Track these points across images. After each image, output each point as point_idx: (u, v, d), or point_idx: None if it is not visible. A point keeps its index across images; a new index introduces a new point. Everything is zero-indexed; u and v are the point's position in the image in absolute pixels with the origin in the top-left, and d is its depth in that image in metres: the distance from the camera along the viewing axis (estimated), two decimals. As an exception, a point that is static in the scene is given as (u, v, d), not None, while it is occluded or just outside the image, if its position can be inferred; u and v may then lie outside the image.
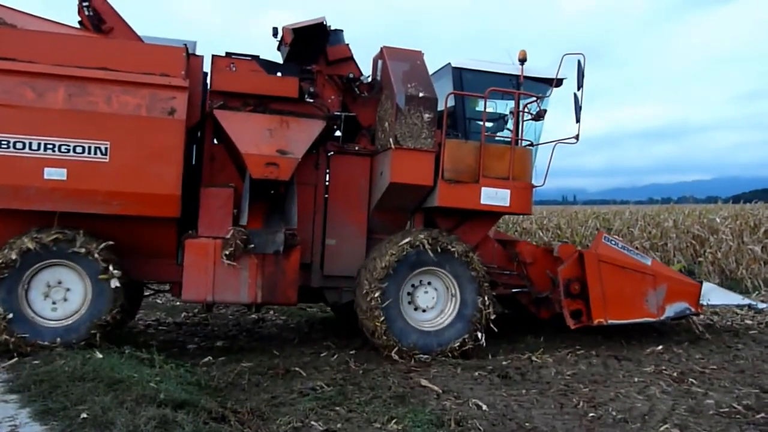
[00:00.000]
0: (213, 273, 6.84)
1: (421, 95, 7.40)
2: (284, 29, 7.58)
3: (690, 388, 6.13)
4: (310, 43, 7.57)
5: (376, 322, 7.11)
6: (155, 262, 7.17)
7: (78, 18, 7.29)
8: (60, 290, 6.60)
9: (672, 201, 22.78)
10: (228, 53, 7.45)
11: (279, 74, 7.49)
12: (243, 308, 10.08)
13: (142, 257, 7.06)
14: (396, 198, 7.67)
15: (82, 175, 6.40)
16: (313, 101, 7.51)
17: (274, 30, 7.87)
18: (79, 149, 6.39)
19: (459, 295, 7.45)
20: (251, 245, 6.88)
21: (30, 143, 6.29)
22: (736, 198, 23.70)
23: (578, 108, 7.77)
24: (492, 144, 8.00)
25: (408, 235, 7.40)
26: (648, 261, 8.32)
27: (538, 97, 8.18)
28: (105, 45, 6.90)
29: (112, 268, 6.53)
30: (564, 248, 8.33)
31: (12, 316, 6.34)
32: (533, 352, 7.38)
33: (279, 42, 7.97)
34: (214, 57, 7.30)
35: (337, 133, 7.91)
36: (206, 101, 7.29)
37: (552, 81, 8.21)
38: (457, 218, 8.03)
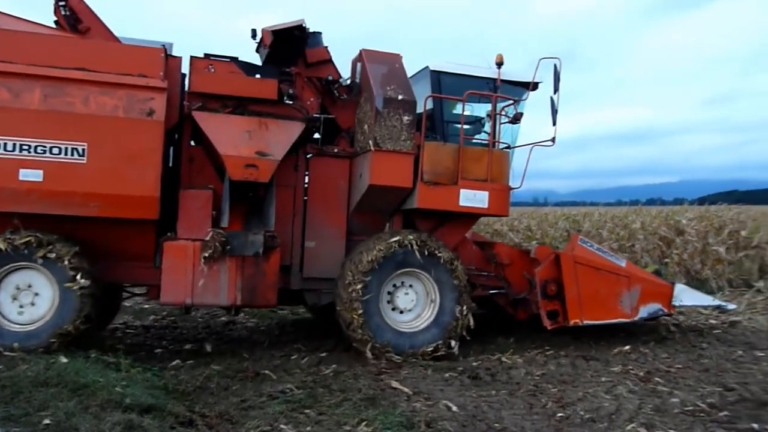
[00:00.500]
0: (192, 275, 6.80)
1: (401, 98, 7.45)
2: (263, 31, 7.57)
3: (656, 388, 6.21)
4: (290, 46, 7.55)
5: (354, 315, 7.14)
6: (132, 265, 7.10)
7: (54, 18, 7.14)
8: (29, 294, 6.48)
9: (640, 203, 23.10)
10: (206, 54, 7.39)
11: (258, 76, 7.43)
12: (213, 311, 9.99)
13: (119, 260, 6.97)
14: (375, 200, 7.70)
15: (59, 177, 6.30)
16: (293, 103, 7.51)
17: (253, 32, 7.86)
18: (56, 150, 6.29)
19: (438, 301, 7.51)
20: (230, 247, 6.86)
21: (5, 144, 6.19)
22: (702, 200, 24.17)
23: (554, 111, 7.89)
24: (470, 146, 8.08)
25: (397, 234, 7.48)
26: (622, 263, 8.48)
27: (515, 101, 8.28)
28: (82, 45, 6.80)
29: (80, 277, 6.40)
30: (541, 250, 8.46)
31: None
32: (503, 353, 7.43)
33: (258, 44, 7.92)
34: (193, 58, 7.25)
35: (316, 135, 7.88)
36: (184, 102, 7.21)
37: (528, 84, 8.29)
38: (436, 220, 8.10)
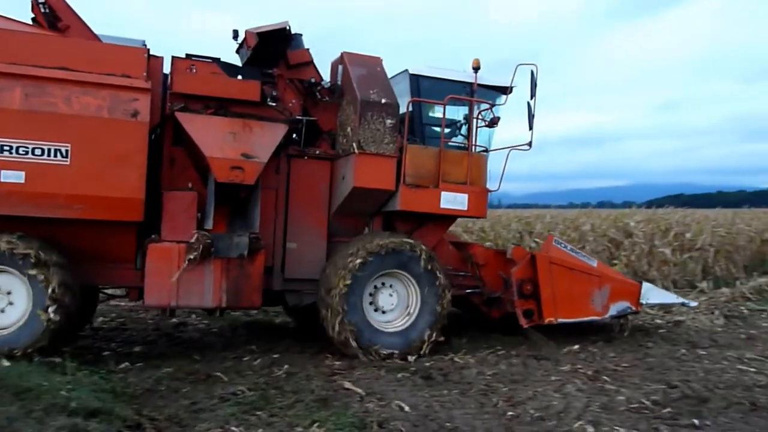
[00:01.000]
0: (178, 277, 6.74)
1: (384, 101, 7.57)
2: (247, 33, 7.52)
3: (603, 386, 6.36)
4: (273, 47, 7.53)
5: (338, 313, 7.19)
6: (113, 267, 6.96)
7: (31, 15, 6.91)
8: (4, 298, 6.34)
9: (591, 205, 23.71)
10: (188, 55, 7.33)
11: (239, 77, 7.38)
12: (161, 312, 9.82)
13: (99, 262, 6.81)
14: (358, 202, 7.77)
15: (42, 178, 6.13)
16: (276, 105, 7.47)
17: (235, 32, 7.83)
18: (38, 151, 6.11)
19: (417, 311, 7.63)
20: (215, 249, 6.82)
21: None
22: (650, 203, 24.90)
23: (531, 116, 8.10)
24: (450, 150, 8.23)
25: (392, 236, 7.64)
26: (594, 263, 8.77)
27: (492, 105, 8.41)
28: (63, 44, 6.59)
29: (52, 301, 6.22)
30: (517, 251, 8.64)
31: None
32: (456, 353, 7.51)
33: (239, 45, 7.88)
34: (174, 58, 7.17)
35: (294, 137, 7.85)
36: (166, 103, 7.10)
37: (504, 89, 8.47)
38: (415, 222, 8.25)
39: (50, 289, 6.19)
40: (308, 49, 7.97)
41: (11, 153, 6.04)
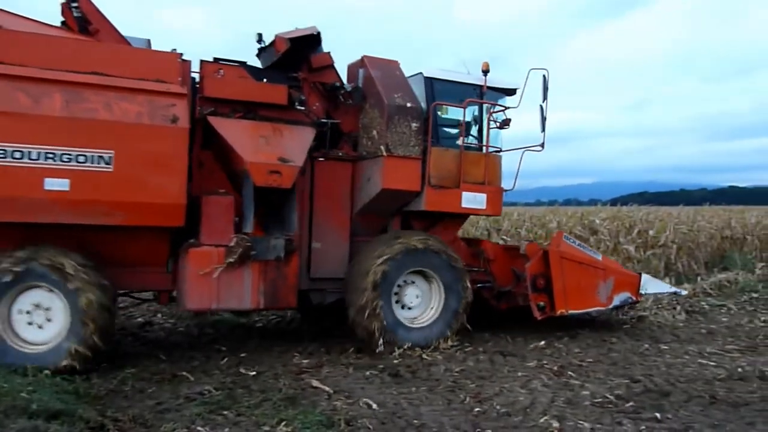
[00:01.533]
0: (217, 281, 6.76)
1: (409, 105, 7.83)
2: (277, 37, 7.60)
3: (569, 381, 6.45)
4: (301, 52, 7.65)
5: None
6: (144, 271, 6.89)
7: (60, 18, 6.93)
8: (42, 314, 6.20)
9: (558, 203, 23.98)
10: (216, 59, 7.39)
11: (264, 81, 7.48)
12: (129, 312, 9.67)
13: (130, 267, 6.71)
14: (384, 203, 8.02)
15: (86, 186, 6.01)
16: (304, 109, 7.59)
17: (259, 36, 7.94)
18: (82, 158, 5.99)
19: (441, 308, 7.90)
20: (254, 252, 6.89)
21: (29, 152, 5.82)
22: (615, 201, 25.31)
23: (543, 118, 8.38)
24: (469, 151, 8.47)
25: (412, 236, 7.86)
26: (599, 256, 9.20)
27: (506, 108, 8.66)
28: (98, 49, 6.51)
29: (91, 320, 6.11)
30: (530, 247, 8.83)
31: None
32: (424, 350, 7.54)
33: (261, 48, 7.96)
34: (203, 62, 7.23)
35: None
36: (195, 107, 7.06)
37: (510, 91, 8.72)
38: (430, 220, 8.56)
39: (87, 307, 6.06)
40: (329, 53, 8.04)
41: (55, 160, 5.90)
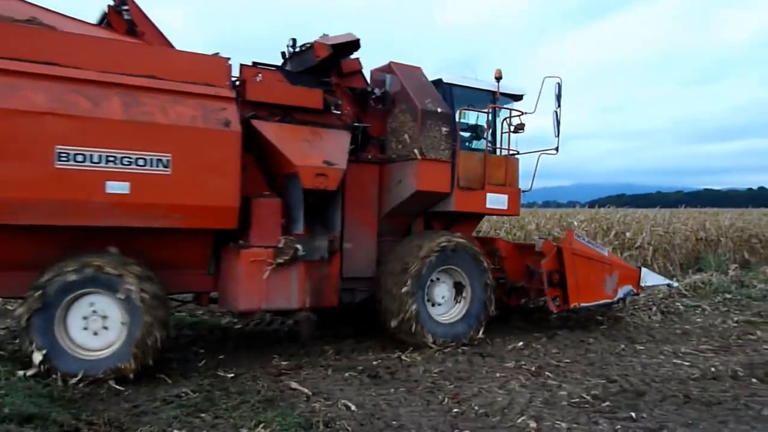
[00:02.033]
0: (266, 282, 6.86)
1: (439, 110, 8.14)
2: (318, 44, 7.68)
3: (546, 381, 6.50)
4: (335, 57, 7.82)
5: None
6: (186, 274, 6.90)
7: (96, 19, 7.04)
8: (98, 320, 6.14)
9: (537, 205, 24.22)
10: (254, 63, 7.57)
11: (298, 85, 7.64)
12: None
13: (173, 269, 6.69)
14: (415, 204, 8.36)
15: (145, 189, 6.03)
16: (339, 113, 7.85)
17: (293, 41, 8.11)
18: (141, 162, 6.00)
19: (468, 304, 8.25)
20: (303, 253, 7.02)
21: (90, 155, 5.78)
22: (593, 203, 25.61)
23: (557, 123, 8.80)
24: (492, 155, 8.90)
25: (444, 235, 8.18)
26: (605, 252, 9.72)
27: (523, 113, 9.02)
28: (150, 52, 6.53)
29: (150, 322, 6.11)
30: (546, 244, 9.17)
31: None
32: (403, 352, 7.56)
33: (294, 52, 8.08)
34: (243, 66, 7.36)
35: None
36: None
37: (516, 97, 9.22)
38: (448, 220, 8.97)
39: (147, 314, 6.05)
40: (358, 58, 8.24)
41: (116, 164, 5.89)
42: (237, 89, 7.08)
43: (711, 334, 9.06)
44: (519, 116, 9.04)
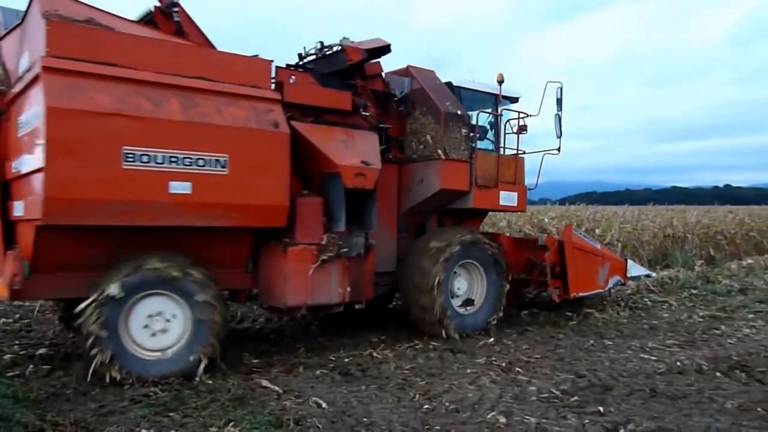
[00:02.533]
0: (311, 278, 7.12)
1: (459, 113, 8.58)
2: (350, 48, 7.94)
3: (516, 377, 6.56)
4: (368, 62, 8.19)
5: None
6: (226, 272, 6.93)
7: (139, 18, 7.10)
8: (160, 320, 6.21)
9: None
10: (288, 65, 7.79)
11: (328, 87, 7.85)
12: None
13: (214, 268, 6.64)
14: (437, 201, 8.77)
15: (206, 189, 6.14)
16: (368, 114, 8.09)
17: (321, 44, 8.33)
18: (201, 162, 6.11)
19: (484, 296, 8.82)
20: (345, 250, 7.32)
21: (155, 156, 5.83)
22: (563, 200, 25.91)
23: (559, 125, 9.36)
24: (504, 155, 9.39)
25: (464, 231, 8.77)
26: (598, 245, 10.54)
27: (527, 115, 9.47)
28: (201, 53, 6.62)
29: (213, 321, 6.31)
30: (548, 239, 9.79)
31: None
32: (375, 349, 7.57)
33: (323, 55, 8.27)
34: (279, 68, 7.42)
35: None
36: None
37: (513, 99, 9.73)
38: (457, 216, 9.48)
39: (211, 315, 6.22)
40: (379, 62, 8.46)
41: (178, 164, 5.96)
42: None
43: (677, 329, 9.22)
44: (524, 118, 9.48)
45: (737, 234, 20.50)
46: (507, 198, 9.29)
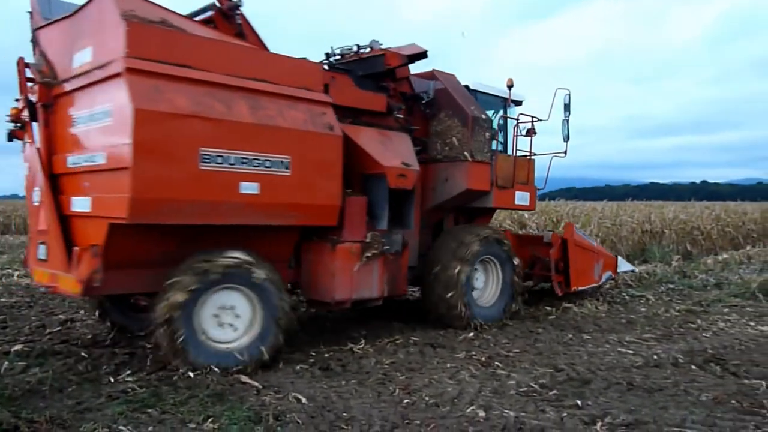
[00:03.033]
0: (356, 274, 7.48)
1: (483, 117, 8.98)
2: (391, 52, 8.27)
3: (495, 371, 6.60)
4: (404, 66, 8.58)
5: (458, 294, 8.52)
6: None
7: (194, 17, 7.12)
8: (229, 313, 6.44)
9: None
10: (328, 67, 7.96)
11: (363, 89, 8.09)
12: (49, 308, 9.32)
13: None
14: (461, 200, 9.20)
15: (272, 189, 6.38)
16: (402, 116, 8.47)
17: (358, 47, 8.57)
18: (268, 163, 6.34)
19: (500, 289, 9.24)
20: (387, 247, 7.76)
21: (228, 157, 6.03)
22: (543, 196, 25.97)
23: (567, 129, 9.84)
24: (519, 157, 9.80)
25: (484, 228, 9.33)
26: (594, 243, 11.44)
27: (537, 119, 9.85)
28: (262, 56, 6.78)
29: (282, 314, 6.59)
30: (553, 236, 10.40)
31: None
32: (355, 344, 7.57)
33: (356, 55, 8.53)
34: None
35: None
36: None
37: (518, 102, 10.09)
38: (470, 214, 9.95)
39: (280, 307, 6.49)
40: (408, 66, 8.76)
41: (248, 165, 6.17)
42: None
43: (654, 323, 9.33)
44: (534, 122, 9.88)
45: (713, 229, 20.81)
46: (521, 198, 9.78)
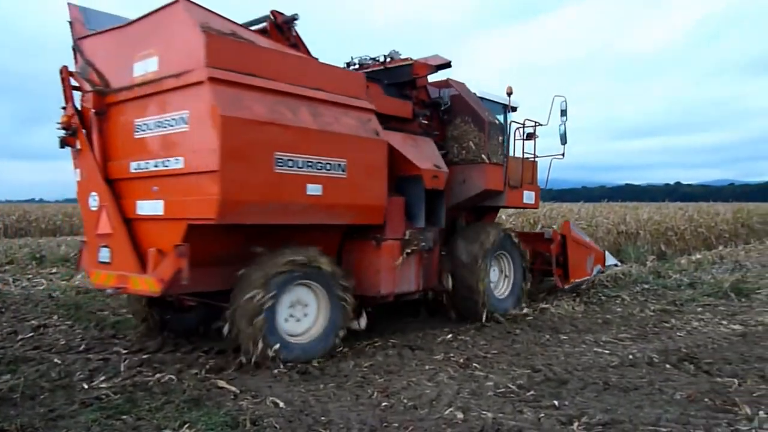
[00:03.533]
0: (399, 269, 8.07)
1: (497, 122, 9.65)
2: (419, 62, 8.94)
3: (473, 372, 6.61)
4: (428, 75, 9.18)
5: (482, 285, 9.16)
6: None
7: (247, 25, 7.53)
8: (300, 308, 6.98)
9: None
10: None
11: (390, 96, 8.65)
12: (21, 314, 9.15)
13: None
14: (477, 200, 9.77)
15: (332, 190, 6.86)
16: (427, 122, 9.12)
17: (385, 57, 9.14)
18: (329, 166, 6.83)
19: (512, 282, 10.04)
20: (424, 244, 8.38)
21: (297, 161, 6.51)
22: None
23: (564, 134, 10.40)
24: (526, 159, 10.53)
25: (498, 225, 10.18)
26: (587, 238, 12.29)
27: (538, 124, 10.53)
28: (317, 66, 7.20)
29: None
30: (554, 233, 11.21)
31: None
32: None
33: (385, 68, 9.08)
34: None
35: None
36: None
37: (514, 108, 10.69)
38: (480, 213, 10.61)
39: (343, 301, 7.11)
40: (427, 75, 9.23)
41: (312, 168, 6.65)
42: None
43: (630, 323, 9.42)
44: (535, 127, 10.54)
45: (687, 230, 21.13)
46: (528, 197, 10.51)
